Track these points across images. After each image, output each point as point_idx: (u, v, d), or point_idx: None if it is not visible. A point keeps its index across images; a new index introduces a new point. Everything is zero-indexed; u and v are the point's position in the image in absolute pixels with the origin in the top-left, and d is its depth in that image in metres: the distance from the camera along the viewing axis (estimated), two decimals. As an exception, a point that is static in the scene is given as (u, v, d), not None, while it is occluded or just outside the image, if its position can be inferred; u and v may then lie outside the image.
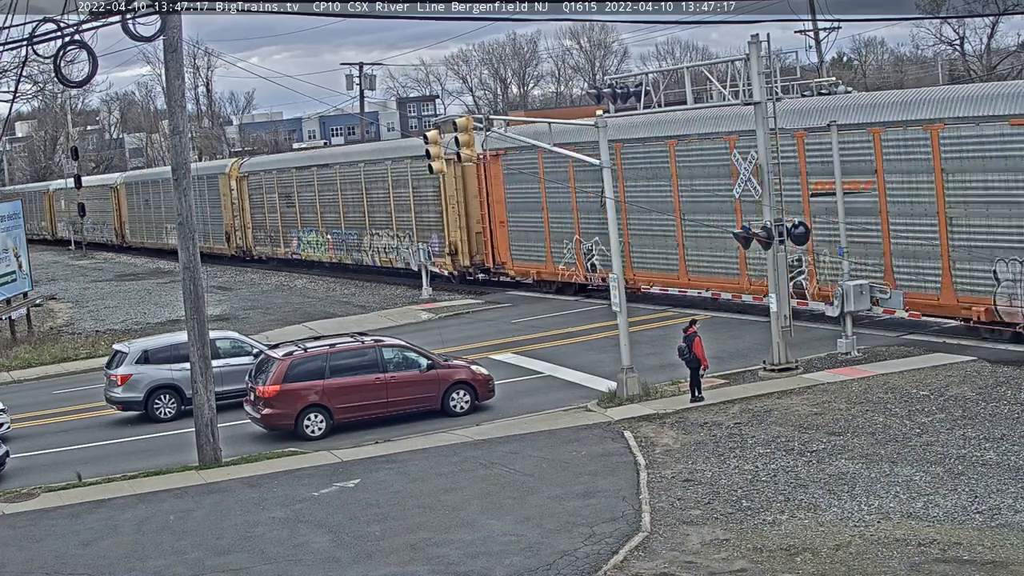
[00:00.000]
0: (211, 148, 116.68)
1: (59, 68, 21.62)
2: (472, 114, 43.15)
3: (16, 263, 45.22)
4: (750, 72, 27.29)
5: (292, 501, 21.19)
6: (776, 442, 22.06)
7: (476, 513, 19.64)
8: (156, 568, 18.45)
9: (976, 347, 27.94)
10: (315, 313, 44.89)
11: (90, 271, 72.74)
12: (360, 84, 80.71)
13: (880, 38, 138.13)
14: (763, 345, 28.80)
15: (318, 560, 18.11)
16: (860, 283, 28.78)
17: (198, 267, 24.83)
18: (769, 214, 27.51)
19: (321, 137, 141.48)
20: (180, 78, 24.64)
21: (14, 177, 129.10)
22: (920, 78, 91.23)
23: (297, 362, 26.54)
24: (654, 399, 26.23)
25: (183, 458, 25.31)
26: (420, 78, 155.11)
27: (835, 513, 18.15)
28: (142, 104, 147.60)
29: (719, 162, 34.67)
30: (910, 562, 16.04)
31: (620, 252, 28.09)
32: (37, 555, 19.56)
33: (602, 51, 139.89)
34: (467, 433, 25.18)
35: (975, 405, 23.25)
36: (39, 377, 37.43)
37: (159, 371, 29.74)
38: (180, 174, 24.68)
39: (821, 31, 62.21)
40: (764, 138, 27.60)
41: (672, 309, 37.10)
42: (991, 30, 73.35)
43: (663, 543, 17.52)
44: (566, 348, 33.67)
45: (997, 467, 19.58)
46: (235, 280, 59.54)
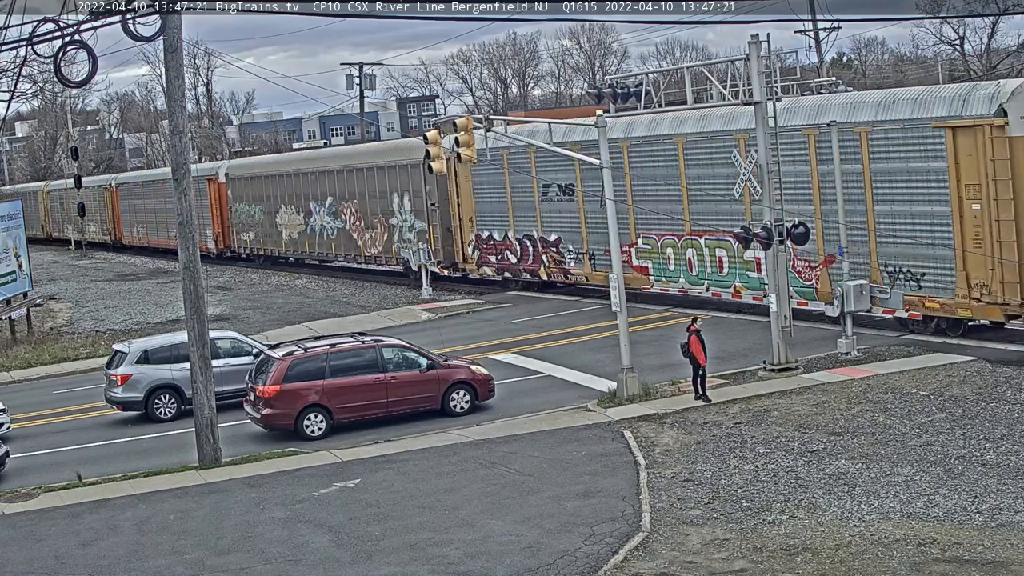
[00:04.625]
0: (211, 148, 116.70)
1: (59, 68, 21.59)
2: (472, 114, 43.16)
3: (16, 263, 45.21)
4: (750, 72, 27.30)
5: (292, 501, 21.19)
6: (776, 442, 22.06)
7: (476, 513, 19.64)
8: (156, 568, 18.46)
9: (976, 347, 27.94)
10: (315, 313, 44.89)
11: (90, 271, 72.75)
12: (360, 84, 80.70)
13: (880, 38, 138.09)
14: (763, 345, 28.81)
15: (318, 560, 18.12)
16: (860, 283, 28.80)
17: (198, 267, 24.83)
18: (769, 214, 27.52)
19: (321, 137, 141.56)
20: (180, 78, 24.64)
21: (14, 177, 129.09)
22: (920, 78, 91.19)
23: (297, 362, 26.54)
24: (654, 399, 26.23)
25: (183, 458, 25.31)
26: (420, 78, 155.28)
27: (835, 513, 18.16)
28: (142, 104, 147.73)
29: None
30: (910, 562, 16.04)
31: (619, 252, 28.05)
32: (37, 555, 19.56)
33: (602, 51, 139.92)
34: (467, 433, 25.18)
35: (975, 405, 23.25)
36: (39, 377, 37.43)
37: (159, 371, 29.73)
38: (180, 174, 24.68)
39: (821, 31, 62.23)
40: (764, 138, 27.61)
41: (672, 309, 37.10)
42: (991, 30, 73.42)
43: (663, 543, 17.52)
44: (566, 348, 33.68)
45: (997, 467, 19.58)
46: (235, 280, 59.54)
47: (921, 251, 28.96)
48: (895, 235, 29.60)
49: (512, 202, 43.25)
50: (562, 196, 40.44)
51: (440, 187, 47.15)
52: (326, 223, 56.77)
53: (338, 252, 56.42)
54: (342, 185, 55.12)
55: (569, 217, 40.49)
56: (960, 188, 27.88)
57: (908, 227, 29.26)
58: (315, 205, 57.12)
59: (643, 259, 37.71)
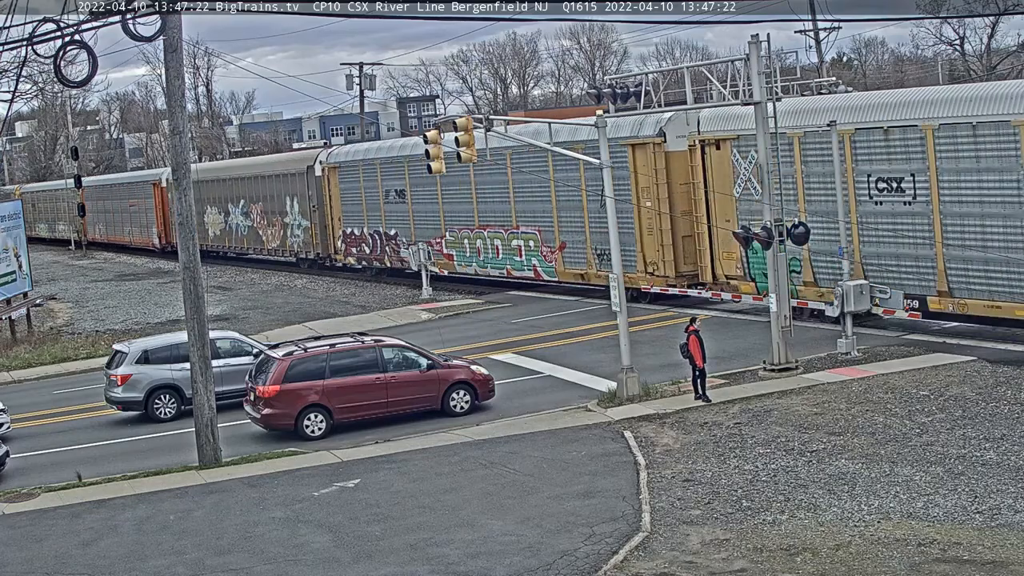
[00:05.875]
0: (211, 148, 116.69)
1: (59, 68, 21.61)
2: (472, 114, 43.37)
3: (16, 263, 45.21)
4: (750, 72, 27.30)
5: (292, 501, 21.19)
6: (776, 442, 22.06)
7: (476, 513, 19.64)
8: (156, 568, 18.46)
9: (976, 347, 27.95)
10: (315, 313, 44.90)
11: (90, 271, 72.77)
12: (360, 84, 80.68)
13: (880, 38, 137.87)
14: (763, 345, 28.81)
15: (318, 560, 18.12)
16: (860, 283, 28.81)
17: (198, 267, 24.83)
18: (769, 214, 27.52)
19: (321, 137, 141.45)
20: (180, 78, 24.64)
21: (14, 177, 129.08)
22: (920, 78, 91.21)
23: (297, 362, 26.54)
24: (654, 399, 26.23)
25: (183, 458, 25.31)
26: (420, 78, 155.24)
27: (835, 513, 18.15)
28: (142, 104, 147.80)
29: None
30: (910, 562, 16.04)
31: (620, 252, 28.16)
32: (37, 555, 19.56)
33: (602, 51, 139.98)
34: (467, 433, 25.18)
35: (975, 405, 23.25)
36: (39, 377, 37.42)
37: (159, 371, 29.73)
38: (180, 174, 24.68)
39: (821, 31, 62.22)
40: (764, 138, 27.61)
41: (672, 309, 37.11)
42: (991, 30, 73.42)
43: (663, 543, 17.52)
44: (566, 348, 33.68)
45: (997, 467, 19.58)
46: (235, 280, 59.58)
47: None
48: (600, 229, 37.46)
49: (365, 204, 52.81)
50: (398, 199, 50.50)
51: (319, 191, 56.09)
52: (240, 222, 65.69)
53: (249, 246, 65.47)
54: (250, 190, 63.93)
55: (402, 216, 50.41)
56: (638, 190, 37.02)
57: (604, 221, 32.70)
58: (232, 207, 66.27)
59: (450, 248, 47.48)
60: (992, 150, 27.39)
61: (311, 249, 57.35)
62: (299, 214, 58.29)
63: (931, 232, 28.85)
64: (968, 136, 27.77)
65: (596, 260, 39.52)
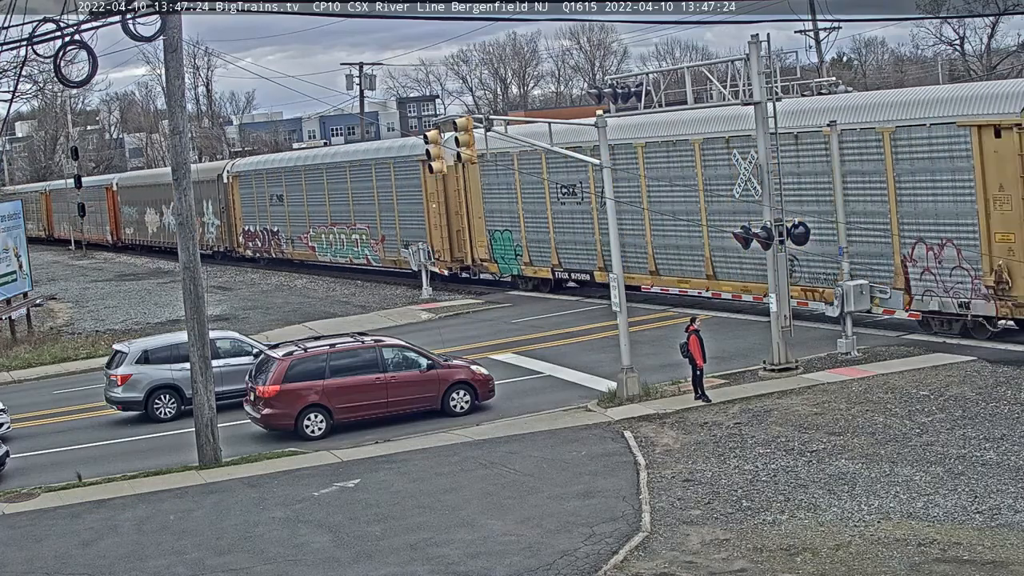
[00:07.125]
0: (211, 148, 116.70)
1: (59, 68, 21.60)
2: (472, 114, 43.49)
3: (16, 263, 45.20)
4: (750, 72, 27.29)
5: (292, 501, 21.19)
6: (776, 442, 22.06)
7: (476, 513, 19.65)
8: (156, 568, 18.46)
9: (976, 347, 27.95)
10: (315, 313, 44.90)
11: (90, 271, 72.78)
12: (360, 84, 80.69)
13: (880, 38, 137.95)
14: (763, 345, 28.81)
15: (318, 560, 18.12)
16: (860, 283, 28.80)
17: (198, 267, 24.84)
18: (768, 214, 27.52)
19: (321, 137, 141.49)
20: (180, 78, 24.64)
21: (14, 177, 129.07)
22: (920, 78, 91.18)
23: (297, 362, 26.54)
24: (654, 399, 26.23)
25: (183, 458, 25.31)
26: (420, 78, 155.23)
27: (835, 513, 18.16)
28: (142, 104, 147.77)
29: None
30: (910, 562, 16.04)
31: (620, 251, 28.20)
32: (37, 555, 19.56)
33: (602, 51, 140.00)
34: (467, 433, 25.18)
35: (975, 405, 23.25)
36: (39, 377, 37.43)
37: (159, 371, 29.73)
38: (180, 174, 24.69)
39: (821, 31, 62.23)
40: (764, 138, 27.60)
41: (672, 309, 37.11)
42: (991, 30, 73.44)
43: (663, 543, 17.52)
44: (566, 348, 33.68)
45: (997, 467, 19.58)
46: (235, 280, 59.57)
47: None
48: (406, 225, 49.53)
49: (256, 206, 63.37)
50: (278, 202, 60.56)
51: (226, 196, 65.72)
52: (170, 221, 70.33)
53: (176, 242, 70.55)
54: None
55: (281, 216, 60.50)
56: (427, 196, 47.27)
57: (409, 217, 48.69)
58: (165, 208, 73.74)
59: (313, 242, 57.85)
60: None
61: (221, 243, 67.92)
62: (213, 214, 68.62)
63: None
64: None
65: (403, 249, 49.44)
